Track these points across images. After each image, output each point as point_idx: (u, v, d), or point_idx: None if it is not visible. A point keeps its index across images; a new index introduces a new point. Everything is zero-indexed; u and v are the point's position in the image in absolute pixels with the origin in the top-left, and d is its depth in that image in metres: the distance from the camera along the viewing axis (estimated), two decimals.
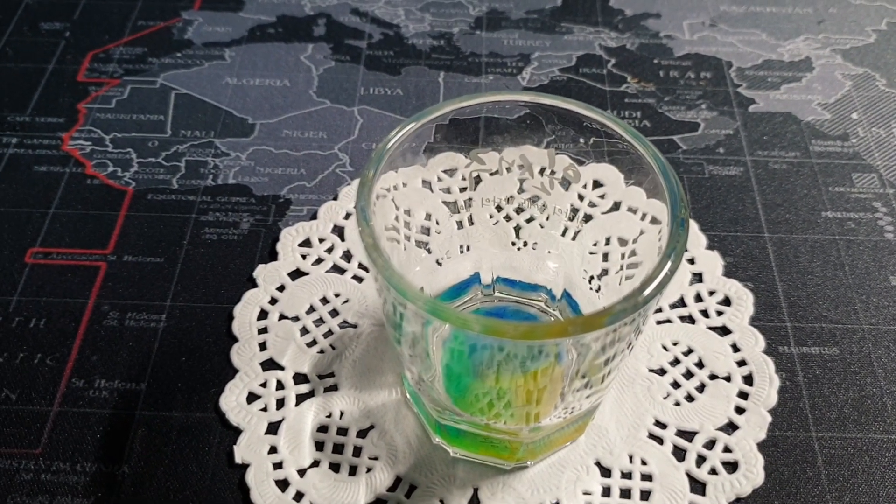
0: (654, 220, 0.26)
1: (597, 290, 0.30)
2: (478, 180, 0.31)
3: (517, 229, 0.32)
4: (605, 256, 0.30)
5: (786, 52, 0.45)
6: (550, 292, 0.32)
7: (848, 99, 0.43)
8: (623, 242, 0.30)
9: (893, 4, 0.48)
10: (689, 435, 0.30)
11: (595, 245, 0.31)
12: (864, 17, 0.47)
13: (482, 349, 0.26)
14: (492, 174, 0.30)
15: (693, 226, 0.36)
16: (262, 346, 0.32)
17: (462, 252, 0.32)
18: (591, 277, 0.30)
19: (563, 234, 0.32)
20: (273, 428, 0.30)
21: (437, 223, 0.31)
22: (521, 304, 0.33)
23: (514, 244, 0.33)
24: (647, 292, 0.23)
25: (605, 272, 0.30)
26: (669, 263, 0.24)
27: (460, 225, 0.32)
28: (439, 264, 0.32)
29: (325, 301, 0.34)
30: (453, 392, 0.28)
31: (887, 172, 0.39)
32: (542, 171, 0.30)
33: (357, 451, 0.29)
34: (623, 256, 0.29)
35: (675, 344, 0.32)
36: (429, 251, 0.31)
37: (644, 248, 0.28)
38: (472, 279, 0.33)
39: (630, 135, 0.26)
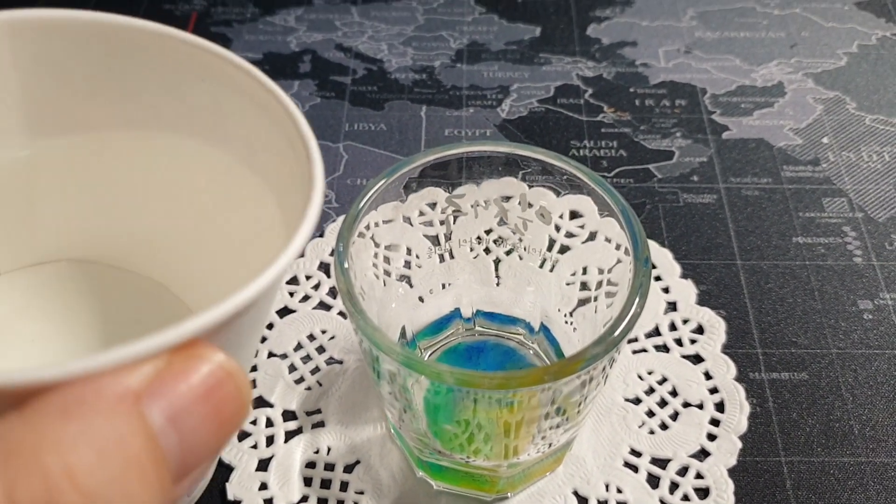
0: (628, 251, 0.27)
1: (571, 324, 0.32)
2: (456, 215, 0.32)
3: (497, 262, 0.34)
4: (584, 285, 0.32)
5: (759, 77, 0.47)
6: (529, 325, 0.33)
7: (819, 123, 0.44)
8: (600, 271, 0.31)
9: (864, 27, 0.49)
10: (662, 462, 0.31)
11: (573, 275, 0.32)
12: (835, 41, 0.49)
13: (459, 389, 0.27)
14: (472, 206, 0.32)
15: (667, 255, 0.38)
16: (252, 384, 0.33)
17: (444, 288, 0.33)
18: (566, 314, 0.32)
19: (542, 266, 0.33)
20: (263, 465, 0.31)
21: (418, 257, 0.33)
22: (500, 338, 0.34)
23: (496, 277, 0.34)
24: (616, 333, 0.24)
25: (581, 303, 0.31)
26: (637, 301, 0.25)
27: (441, 258, 0.33)
28: (421, 300, 0.33)
29: (311, 338, 0.35)
30: (433, 427, 0.29)
31: (856, 196, 0.40)
32: (519, 203, 0.31)
33: (344, 486, 0.31)
34: (600, 285, 0.31)
35: (650, 373, 0.34)
36: (410, 286, 0.32)
37: (620, 276, 0.29)
38: (453, 314, 0.34)
39: (594, 182, 0.28)
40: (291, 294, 0.36)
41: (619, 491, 0.30)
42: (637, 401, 0.33)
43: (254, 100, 0.20)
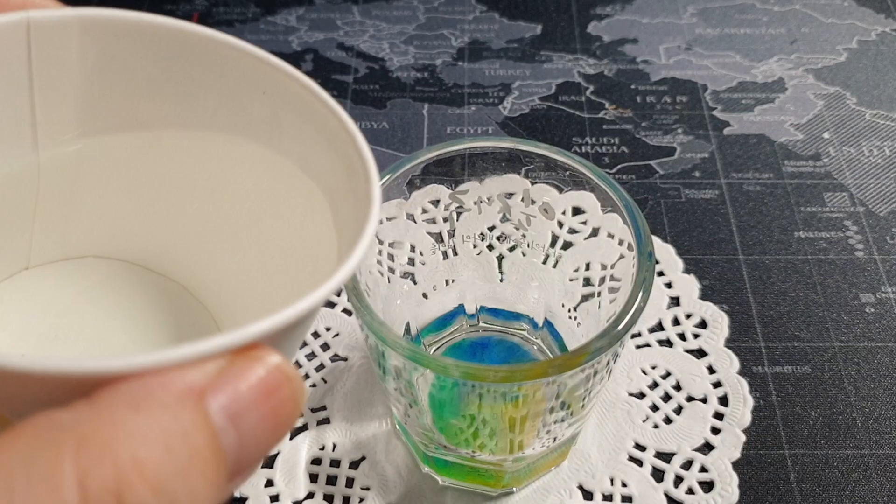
0: (631, 247, 0.27)
1: (574, 319, 0.32)
2: (460, 211, 0.32)
3: (500, 259, 0.34)
4: (587, 281, 0.32)
5: (759, 74, 0.47)
6: (532, 321, 0.33)
7: (819, 119, 0.44)
8: (603, 267, 0.32)
9: (864, 22, 0.50)
10: (667, 456, 0.31)
11: (576, 271, 0.32)
12: (835, 36, 0.49)
13: (465, 384, 0.27)
14: (475, 203, 0.32)
15: (670, 250, 0.38)
16: None
17: (447, 284, 0.33)
18: (569, 309, 0.32)
19: (545, 262, 0.33)
20: (269, 462, 0.31)
21: (422, 254, 0.33)
22: (504, 334, 0.34)
23: (500, 273, 0.34)
24: (620, 327, 0.24)
25: (585, 298, 0.31)
26: (641, 295, 0.25)
27: (445, 255, 0.33)
28: (425, 297, 0.33)
29: (316, 335, 0.35)
30: (439, 422, 0.29)
31: (857, 191, 0.40)
32: (522, 200, 0.31)
33: (350, 482, 0.31)
34: (603, 281, 0.31)
35: (653, 368, 0.34)
36: (414, 282, 0.33)
37: (623, 271, 0.29)
38: (457, 310, 0.34)
39: (598, 177, 0.28)
40: None
41: (625, 485, 0.31)
42: (641, 395, 0.33)
43: (314, 117, 0.20)
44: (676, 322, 0.35)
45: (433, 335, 0.33)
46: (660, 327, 0.35)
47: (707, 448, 0.31)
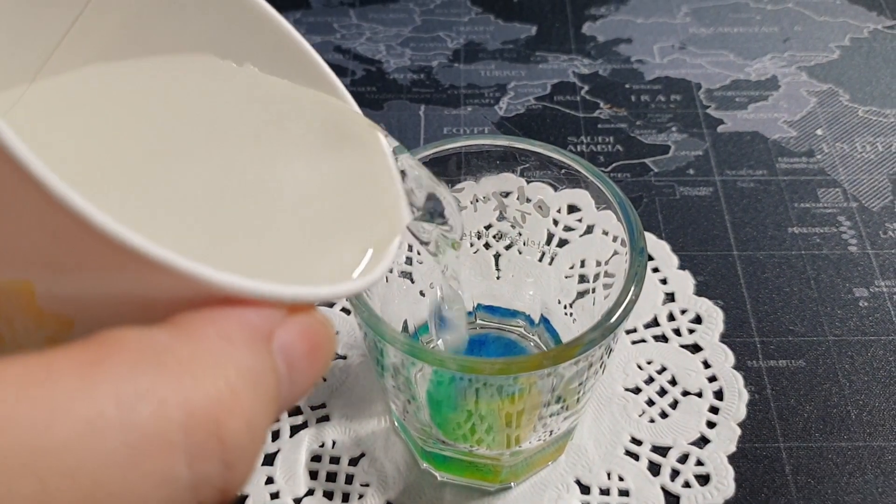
0: (624, 243, 0.28)
1: (570, 316, 0.32)
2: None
3: (497, 257, 0.34)
4: (582, 278, 0.32)
5: (753, 72, 0.47)
6: (529, 318, 0.34)
7: (813, 115, 0.44)
8: (598, 263, 0.32)
9: (856, 20, 0.50)
10: (663, 450, 0.32)
11: (571, 268, 0.33)
12: (828, 34, 0.49)
13: (462, 378, 0.28)
14: (472, 202, 0.32)
15: (665, 247, 0.38)
16: None
17: None
18: (565, 305, 0.32)
19: (541, 259, 0.33)
20: (269, 459, 0.32)
21: (419, 253, 0.33)
22: (501, 331, 0.34)
23: (496, 270, 0.34)
24: (613, 320, 0.25)
25: (580, 295, 0.32)
26: (633, 289, 0.25)
27: None
28: (422, 294, 0.33)
29: None
30: (437, 419, 0.30)
31: (851, 187, 0.41)
32: (518, 198, 0.31)
33: (349, 479, 0.31)
34: (598, 277, 0.31)
35: (649, 363, 0.34)
36: (412, 281, 0.33)
37: (617, 267, 0.29)
38: None
39: (592, 174, 0.28)
40: None
41: (621, 479, 0.31)
42: (637, 390, 0.33)
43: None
44: (671, 318, 0.36)
45: (428, 334, 0.34)
46: (655, 323, 0.35)
47: (703, 442, 0.32)
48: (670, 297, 0.36)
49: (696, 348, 0.34)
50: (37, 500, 0.11)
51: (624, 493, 0.31)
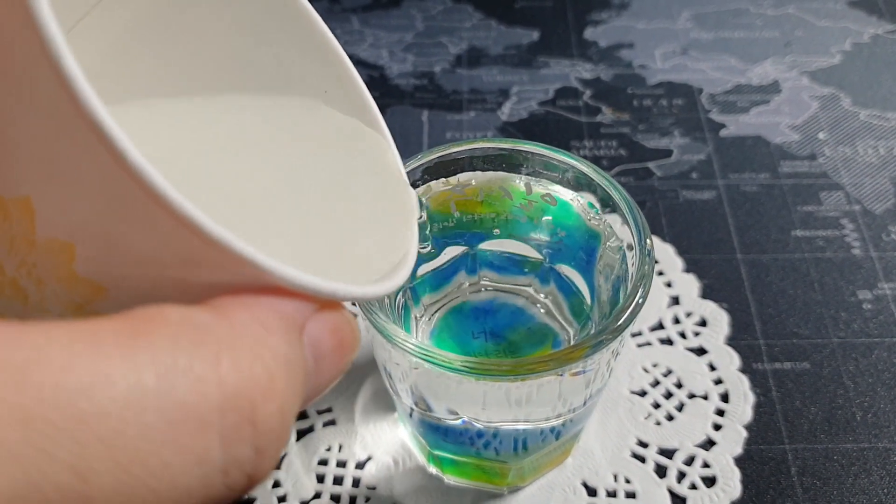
0: (631, 246, 0.28)
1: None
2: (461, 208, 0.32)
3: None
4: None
5: (754, 76, 0.47)
6: (539, 272, 0.32)
7: (815, 119, 0.45)
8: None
9: (857, 25, 0.50)
10: (669, 452, 0.32)
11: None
12: (829, 39, 0.49)
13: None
14: (476, 202, 0.32)
15: (670, 250, 0.38)
16: None
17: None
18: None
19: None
20: (276, 463, 0.32)
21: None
22: (508, 295, 0.33)
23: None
24: (620, 322, 0.25)
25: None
26: (640, 291, 0.26)
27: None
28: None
29: None
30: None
31: (853, 189, 0.41)
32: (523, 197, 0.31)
33: (356, 482, 0.31)
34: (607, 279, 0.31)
35: (654, 366, 0.34)
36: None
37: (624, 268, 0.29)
38: (457, 264, 0.32)
39: (598, 177, 0.28)
40: None
41: (628, 481, 0.31)
42: (643, 393, 0.33)
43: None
44: (677, 321, 0.36)
45: (432, 295, 0.33)
46: (660, 326, 0.36)
47: (709, 444, 0.32)
48: (675, 300, 0.36)
49: (701, 351, 0.35)
50: (71, 466, 0.11)
51: (631, 495, 0.31)
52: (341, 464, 0.32)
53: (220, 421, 0.12)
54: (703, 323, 0.36)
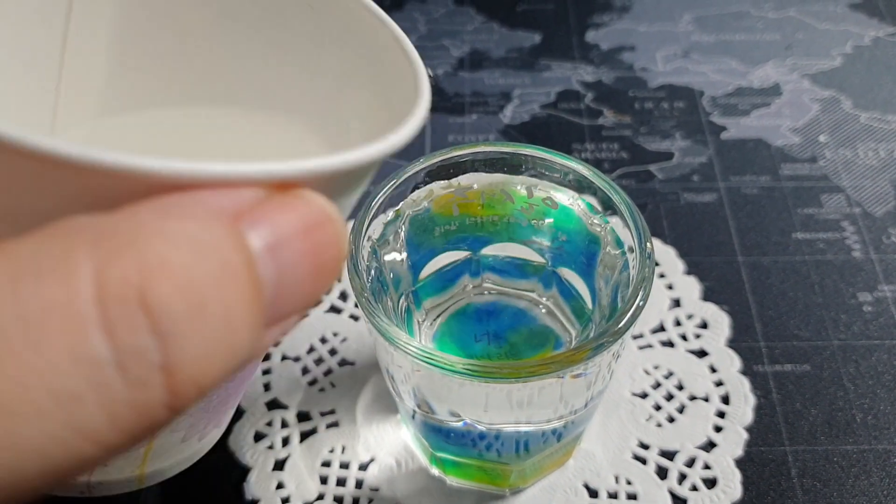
0: (632, 248, 0.28)
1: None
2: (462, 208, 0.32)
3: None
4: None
5: (755, 79, 0.47)
6: (543, 276, 0.32)
7: (815, 122, 0.45)
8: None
9: (858, 28, 0.50)
10: (670, 454, 0.32)
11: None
12: (829, 41, 0.50)
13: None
14: (478, 204, 0.32)
15: (671, 252, 0.38)
16: (267, 387, 0.34)
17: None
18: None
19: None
20: (280, 464, 0.32)
21: None
22: (511, 297, 0.33)
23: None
24: (621, 324, 0.25)
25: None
26: (641, 294, 0.26)
27: None
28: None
29: (324, 340, 0.36)
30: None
31: (854, 192, 0.41)
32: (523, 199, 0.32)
33: (359, 484, 0.31)
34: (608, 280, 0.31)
35: (655, 368, 0.34)
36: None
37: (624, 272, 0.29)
38: (460, 267, 0.33)
39: (599, 180, 0.28)
40: None
41: (629, 483, 0.31)
42: (644, 395, 0.34)
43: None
44: (678, 323, 0.36)
45: (434, 298, 0.33)
46: (661, 328, 0.36)
47: (710, 446, 0.32)
48: (676, 303, 0.37)
49: (702, 353, 0.35)
50: None
51: (632, 496, 0.31)
52: (344, 465, 0.32)
53: (98, 312, 0.11)
54: (704, 325, 0.36)
